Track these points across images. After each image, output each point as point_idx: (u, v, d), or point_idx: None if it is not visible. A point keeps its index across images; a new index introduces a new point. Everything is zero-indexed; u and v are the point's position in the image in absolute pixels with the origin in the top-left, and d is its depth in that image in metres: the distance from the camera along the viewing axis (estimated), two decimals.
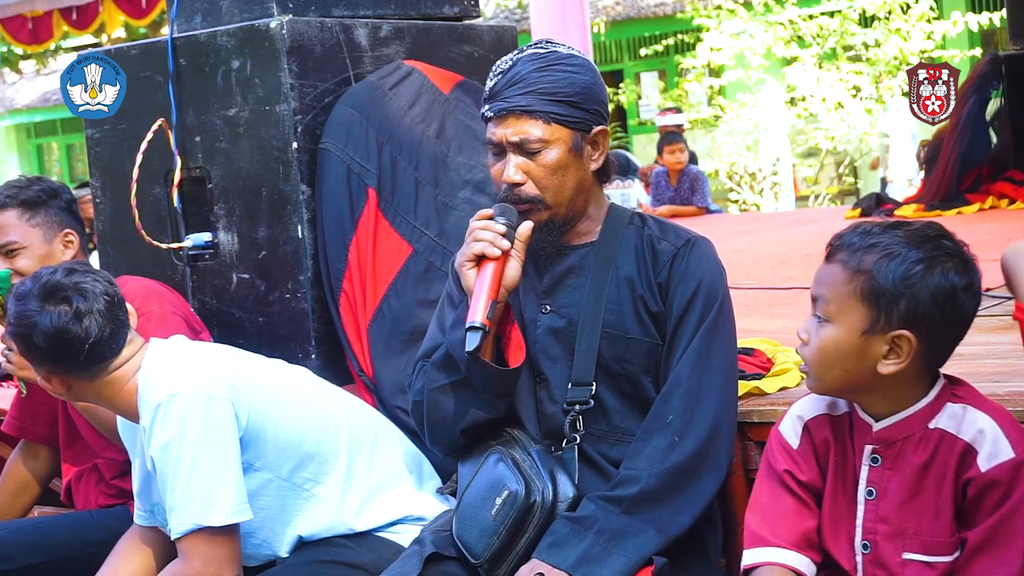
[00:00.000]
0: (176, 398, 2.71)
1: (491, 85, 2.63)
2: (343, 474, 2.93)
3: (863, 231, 2.25)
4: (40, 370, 2.81)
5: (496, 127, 2.61)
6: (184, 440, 2.69)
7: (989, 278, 4.22)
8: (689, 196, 10.52)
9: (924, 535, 2.23)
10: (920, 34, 15.56)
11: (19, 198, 3.42)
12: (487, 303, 2.50)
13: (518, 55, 2.63)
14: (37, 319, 2.71)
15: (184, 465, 2.69)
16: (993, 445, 2.18)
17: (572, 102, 2.59)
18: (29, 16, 12.13)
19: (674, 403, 2.54)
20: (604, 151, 2.67)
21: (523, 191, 2.60)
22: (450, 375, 2.63)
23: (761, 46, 16.07)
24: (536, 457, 2.57)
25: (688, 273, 2.61)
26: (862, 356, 2.21)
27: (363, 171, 3.46)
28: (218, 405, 2.74)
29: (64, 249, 3.42)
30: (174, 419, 2.70)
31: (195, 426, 2.71)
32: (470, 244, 2.57)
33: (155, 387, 2.75)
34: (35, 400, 3.59)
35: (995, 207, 7.41)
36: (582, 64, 2.64)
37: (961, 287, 2.19)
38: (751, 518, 2.37)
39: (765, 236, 7.80)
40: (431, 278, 3.40)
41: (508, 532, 2.52)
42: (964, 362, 3.03)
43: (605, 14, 19.33)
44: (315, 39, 3.56)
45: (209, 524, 2.69)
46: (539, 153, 2.58)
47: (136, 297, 3.17)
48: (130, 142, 3.72)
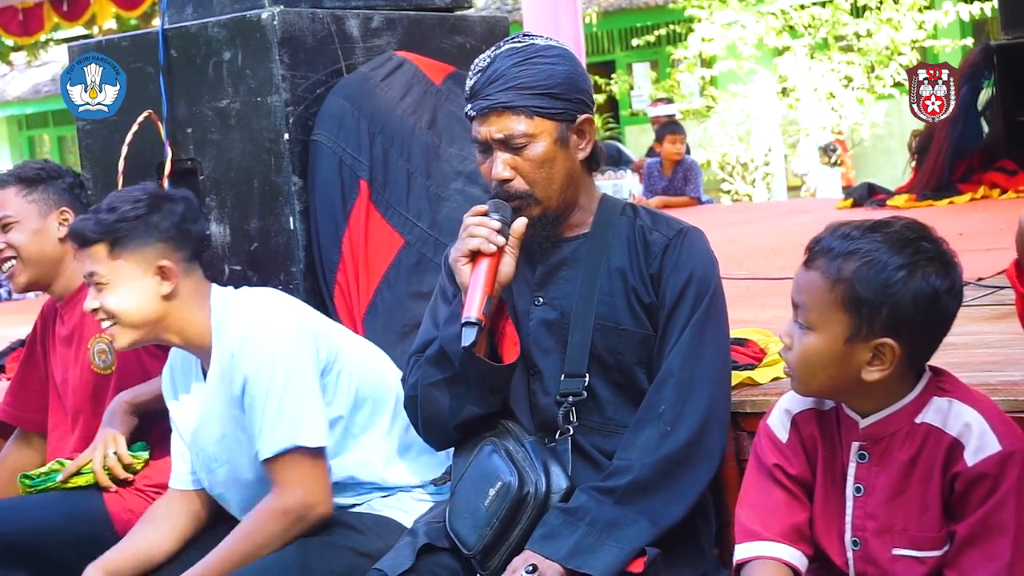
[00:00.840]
0: (266, 327, 2.85)
1: (471, 84, 2.62)
2: (387, 425, 2.98)
3: (842, 235, 2.21)
4: (159, 252, 2.93)
5: (480, 125, 2.60)
6: (276, 364, 2.81)
7: (981, 267, 4.24)
8: (682, 186, 10.53)
9: (913, 530, 2.22)
10: (912, 24, 15.59)
11: (18, 175, 3.46)
12: (482, 299, 2.50)
13: (495, 51, 2.62)
14: (176, 204, 2.97)
15: (277, 387, 2.80)
16: (979, 439, 2.17)
17: (553, 93, 2.58)
18: (20, 7, 12.11)
19: (666, 393, 2.54)
20: (591, 139, 2.66)
21: (512, 187, 2.59)
22: (444, 371, 2.62)
23: (753, 36, 16.09)
24: (530, 448, 2.57)
25: (680, 264, 2.61)
26: (845, 363, 2.20)
27: (355, 162, 3.46)
28: (304, 337, 2.88)
29: (60, 227, 3.42)
30: (267, 345, 2.83)
31: (286, 352, 2.83)
32: (465, 240, 2.57)
33: (241, 316, 2.89)
34: (28, 388, 3.61)
35: (987, 197, 7.43)
36: (560, 54, 2.63)
37: (943, 290, 2.16)
38: (741, 512, 2.36)
39: (757, 226, 7.81)
40: (423, 269, 3.39)
41: (501, 523, 2.52)
42: (956, 352, 3.04)
43: (597, 4, 19.32)
44: (306, 30, 3.56)
45: (303, 444, 2.79)
46: (525, 148, 2.58)
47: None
48: (121, 134, 3.71)
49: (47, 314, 3.59)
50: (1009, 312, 3.59)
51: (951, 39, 15.51)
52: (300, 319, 2.93)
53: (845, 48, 16.17)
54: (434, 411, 2.66)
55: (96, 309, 2.93)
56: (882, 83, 15.90)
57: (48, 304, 3.60)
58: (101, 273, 2.92)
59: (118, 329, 2.93)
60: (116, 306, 2.91)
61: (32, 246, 3.41)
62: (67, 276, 3.45)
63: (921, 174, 7.88)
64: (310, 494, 2.82)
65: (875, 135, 16.40)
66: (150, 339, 2.98)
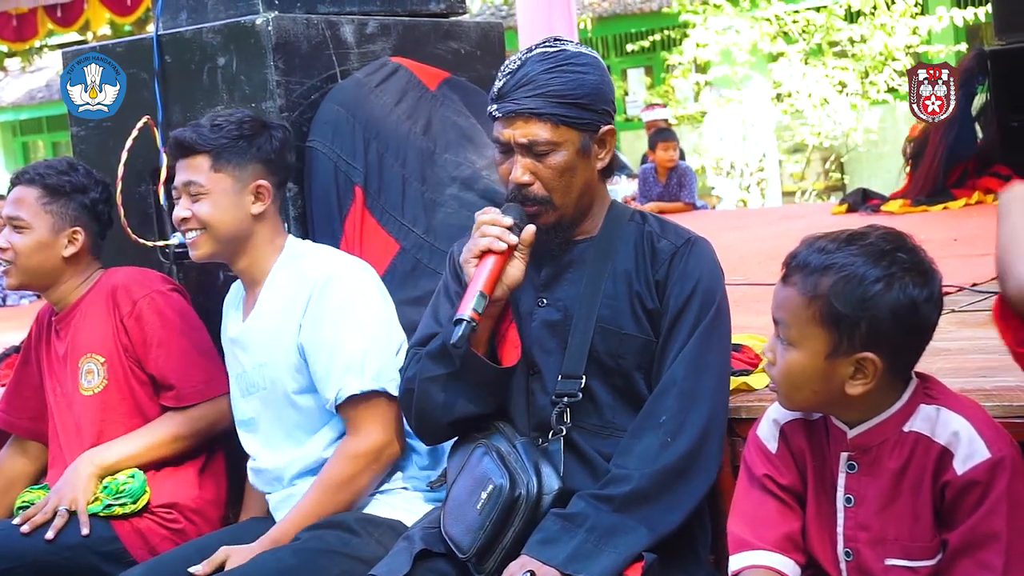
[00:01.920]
0: (347, 271, 3.01)
1: (499, 85, 2.61)
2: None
3: (818, 248, 2.20)
4: (258, 173, 3.07)
5: (504, 127, 2.60)
6: (364, 304, 2.97)
7: (975, 273, 4.24)
8: (677, 192, 10.56)
9: (905, 540, 2.22)
10: (905, 29, 15.61)
11: (45, 180, 3.40)
12: (478, 298, 2.50)
13: (527, 55, 2.61)
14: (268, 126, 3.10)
15: (367, 327, 2.94)
16: (968, 447, 2.16)
17: (581, 104, 2.57)
18: (14, 13, 12.09)
19: (668, 403, 2.54)
20: (611, 149, 2.66)
21: (531, 191, 2.59)
22: (444, 367, 2.63)
23: (747, 42, 16.10)
24: (521, 450, 2.57)
25: (686, 272, 2.61)
26: (828, 378, 2.19)
27: (350, 168, 3.46)
28: (380, 287, 3.06)
29: (67, 245, 3.40)
30: (351, 284, 2.98)
31: (371, 295, 3.01)
32: (476, 239, 2.57)
33: (327, 258, 3.06)
34: (23, 395, 3.59)
35: (981, 202, 7.43)
36: (590, 63, 2.62)
37: (922, 300, 2.15)
38: (734, 524, 2.35)
39: (752, 232, 7.81)
40: (418, 275, 3.39)
41: (494, 526, 2.52)
42: (951, 357, 3.04)
43: (591, 10, 19.33)
44: (301, 36, 3.55)
45: (388, 390, 2.90)
46: (548, 155, 2.58)
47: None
48: (115, 140, 3.70)
49: (42, 321, 3.57)
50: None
51: (945, 44, 15.52)
52: (378, 279, 3.10)
53: (839, 54, 16.18)
54: (429, 406, 2.66)
55: (187, 218, 3.03)
56: (876, 88, 15.91)
57: (44, 311, 3.57)
58: (201, 183, 3.03)
59: (204, 238, 3.04)
60: (210, 216, 3.03)
61: (34, 257, 3.38)
62: (64, 288, 3.43)
63: (916, 179, 7.89)
64: (387, 435, 2.93)
65: (869, 140, 16.41)
66: (224, 257, 3.09)
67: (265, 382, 3.06)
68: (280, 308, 3.03)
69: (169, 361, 3.31)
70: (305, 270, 3.02)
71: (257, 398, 3.10)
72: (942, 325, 3.34)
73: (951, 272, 4.63)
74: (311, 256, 3.07)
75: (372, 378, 2.91)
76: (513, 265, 2.57)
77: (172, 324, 3.33)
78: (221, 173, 3.03)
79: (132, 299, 3.32)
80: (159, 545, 3.23)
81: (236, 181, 3.03)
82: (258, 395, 3.10)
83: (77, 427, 3.37)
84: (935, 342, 2.26)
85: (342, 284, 2.97)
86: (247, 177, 3.04)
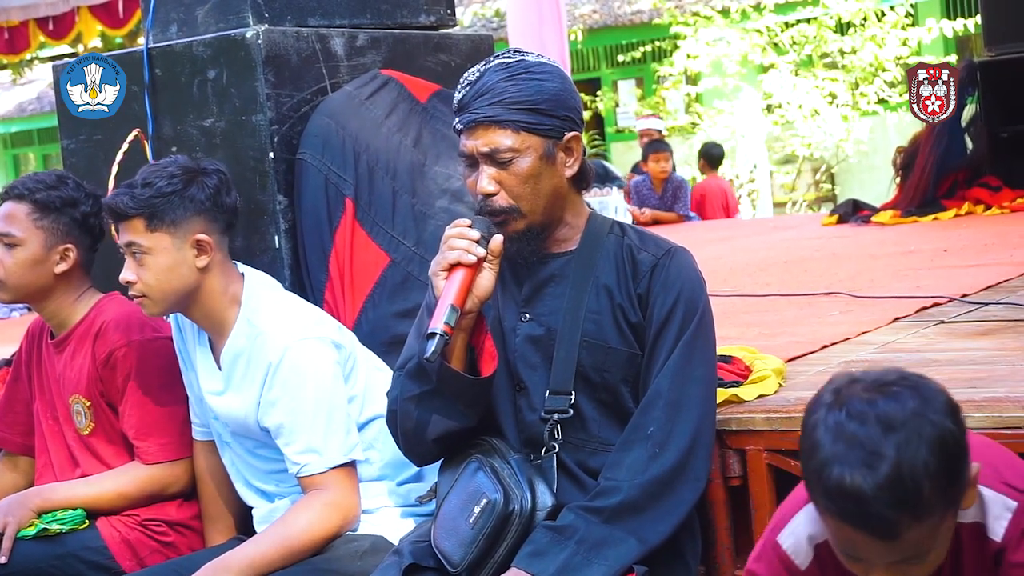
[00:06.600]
0: (306, 342, 2.94)
1: (459, 97, 2.62)
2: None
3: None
4: (196, 226, 2.97)
5: (467, 139, 2.60)
6: (319, 386, 2.92)
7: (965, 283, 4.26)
8: (672, 203, 10.61)
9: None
10: (895, 41, 15.67)
11: (35, 196, 3.32)
12: (449, 311, 2.49)
13: (485, 66, 2.62)
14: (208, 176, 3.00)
15: (322, 409, 2.91)
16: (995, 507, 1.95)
17: (541, 110, 2.58)
18: (5, 26, 12.08)
19: (655, 414, 2.54)
20: (579, 157, 2.66)
21: (496, 201, 2.59)
22: (421, 385, 2.62)
23: (738, 53, 16.16)
24: (515, 466, 2.57)
25: (668, 284, 2.60)
26: None
27: (340, 181, 3.46)
28: (335, 352, 2.98)
29: (59, 261, 3.34)
30: (307, 364, 2.92)
31: (326, 372, 2.94)
32: (444, 253, 2.57)
33: (276, 333, 2.94)
34: (15, 410, 3.55)
35: (971, 213, 7.45)
36: (550, 71, 2.63)
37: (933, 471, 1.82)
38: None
39: (743, 243, 7.82)
40: (409, 288, 3.39)
41: (486, 541, 2.51)
42: (941, 368, 3.04)
43: (582, 22, 19.38)
44: (291, 49, 3.56)
45: (349, 460, 2.93)
46: (511, 162, 2.57)
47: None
48: (106, 152, 3.70)
49: (34, 336, 3.51)
50: (993, 328, 3.62)
51: (935, 56, 15.57)
52: (331, 332, 3.03)
53: (830, 65, 16.24)
54: (411, 425, 2.65)
55: (132, 282, 2.98)
56: (866, 100, 15.97)
57: (36, 325, 3.52)
58: (141, 243, 2.97)
59: (149, 301, 2.99)
60: (154, 279, 2.97)
61: (26, 274, 3.30)
62: (56, 304, 3.35)
63: (906, 190, 7.91)
64: (351, 497, 2.93)
65: (860, 151, 16.45)
66: (178, 310, 3.05)
67: (234, 426, 3.07)
68: (240, 383, 2.99)
69: (131, 419, 3.27)
70: (262, 347, 2.95)
71: (228, 449, 3.14)
72: (932, 336, 3.33)
73: (941, 283, 4.65)
74: (268, 330, 2.96)
75: (333, 455, 2.90)
76: (483, 276, 2.56)
77: (142, 379, 3.27)
78: (158, 232, 2.95)
79: (109, 347, 3.26)
80: (148, 557, 3.22)
81: (174, 238, 2.96)
82: (229, 448, 3.13)
83: (71, 459, 3.37)
84: (925, 353, 2.21)
85: (297, 363, 2.91)
86: (185, 232, 2.96)
